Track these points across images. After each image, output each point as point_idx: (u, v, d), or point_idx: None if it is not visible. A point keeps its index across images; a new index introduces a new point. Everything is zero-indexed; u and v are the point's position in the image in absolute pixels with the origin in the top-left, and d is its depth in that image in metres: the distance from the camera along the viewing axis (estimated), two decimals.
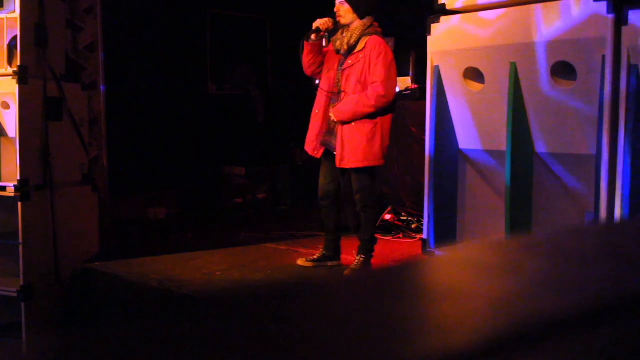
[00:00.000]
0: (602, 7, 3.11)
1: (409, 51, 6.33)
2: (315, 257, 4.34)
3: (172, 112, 7.10)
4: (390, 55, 3.90)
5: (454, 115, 3.96)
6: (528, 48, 3.43)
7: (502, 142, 3.63)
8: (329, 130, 4.04)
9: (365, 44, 3.88)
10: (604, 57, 3.14)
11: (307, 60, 4.04)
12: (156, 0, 6.98)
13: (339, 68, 3.99)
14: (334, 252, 4.33)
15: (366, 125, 3.88)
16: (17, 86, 4.09)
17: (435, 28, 3.89)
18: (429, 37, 3.93)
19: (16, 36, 4.13)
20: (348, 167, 3.96)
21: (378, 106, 3.84)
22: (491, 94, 3.69)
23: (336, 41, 4.01)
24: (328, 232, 4.31)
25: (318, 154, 4.10)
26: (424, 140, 4.16)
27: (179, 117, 7.15)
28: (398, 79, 6.09)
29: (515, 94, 3.51)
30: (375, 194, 4.23)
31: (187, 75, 7.28)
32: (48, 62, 4.31)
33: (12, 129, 4.28)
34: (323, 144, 4.07)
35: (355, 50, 3.91)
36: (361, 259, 4.14)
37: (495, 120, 3.70)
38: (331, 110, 3.99)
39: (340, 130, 3.94)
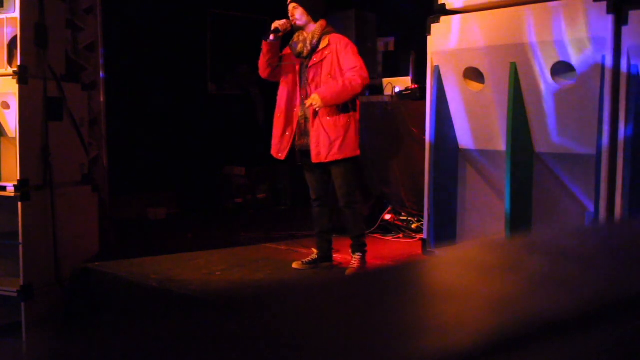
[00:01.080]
0: (602, 7, 3.11)
1: (409, 51, 6.33)
2: (309, 259, 4.34)
3: (172, 112, 7.10)
4: (356, 47, 4.03)
5: (454, 115, 3.96)
6: (528, 48, 3.43)
7: (502, 142, 3.63)
8: (302, 132, 4.06)
9: (329, 41, 3.98)
10: (604, 57, 3.14)
11: (264, 60, 4.09)
12: (156, 0, 6.98)
13: (302, 69, 4.05)
14: (328, 253, 4.35)
15: (342, 119, 3.94)
16: (17, 86, 4.09)
17: (435, 28, 3.89)
18: (429, 37, 3.93)
19: (16, 36, 4.13)
20: (326, 161, 3.96)
21: (364, 85, 3.89)
22: (491, 94, 3.69)
23: (296, 45, 4.06)
24: (321, 232, 4.32)
25: (282, 155, 4.12)
26: (424, 140, 4.16)
27: (179, 117, 7.15)
28: (398, 79, 6.13)
29: (515, 94, 3.50)
30: (358, 189, 4.27)
31: (187, 75, 7.28)
32: (48, 62, 4.31)
33: (12, 129, 4.28)
34: (300, 147, 4.07)
35: (319, 49, 3.99)
36: (358, 256, 4.15)
37: (495, 120, 3.70)
38: (308, 100, 3.94)
39: (316, 125, 3.95)
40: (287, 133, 4.09)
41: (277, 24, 4.01)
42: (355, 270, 4.10)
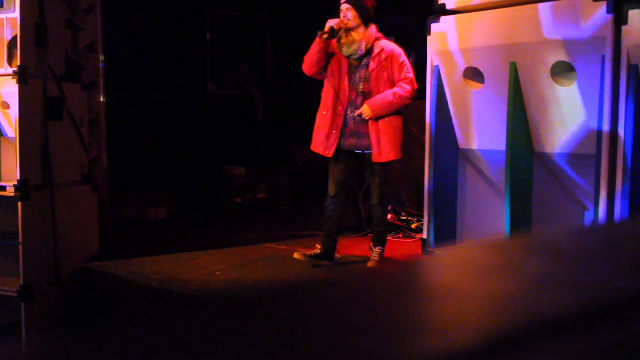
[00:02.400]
0: (602, 7, 3.11)
1: (409, 51, 6.32)
2: (311, 253, 4.38)
3: (172, 112, 7.09)
4: (408, 57, 4.22)
5: (454, 115, 3.95)
6: (528, 48, 3.43)
7: (502, 142, 3.63)
8: (352, 132, 4.16)
9: (384, 48, 4.11)
10: (604, 57, 3.13)
11: (315, 58, 4.14)
12: (156, 0, 6.98)
13: (354, 71, 4.15)
14: (331, 252, 4.39)
15: (397, 120, 4.16)
16: (17, 86, 4.09)
17: (435, 28, 3.89)
18: (429, 37, 3.93)
19: (16, 36, 4.13)
20: (387, 160, 4.13)
21: (411, 98, 4.12)
22: (491, 94, 3.69)
23: (349, 46, 4.11)
24: (330, 231, 4.36)
25: (330, 153, 4.21)
26: (424, 140, 4.16)
27: (179, 117, 7.15)
28: None
29: (515, 94, 3.50)
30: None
31: (187, 75, 7.27)
32: (48, 62, 4.31)
33: (12, 129, 4.28)
34: (350, 147, 4.18)
35: (374, 54, 4.10)
36: (379, 250, 4.30)
37: (495, 120, 3.69)
38: (363, 109, 4.09)
39: (374, 127, 4.09)
40: (334, 131, 4.19)
41: (333, 22, 4.07)
42: (376, 263, 4.25)
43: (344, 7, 4.10)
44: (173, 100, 7.09)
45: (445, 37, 3.84)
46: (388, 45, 4.14)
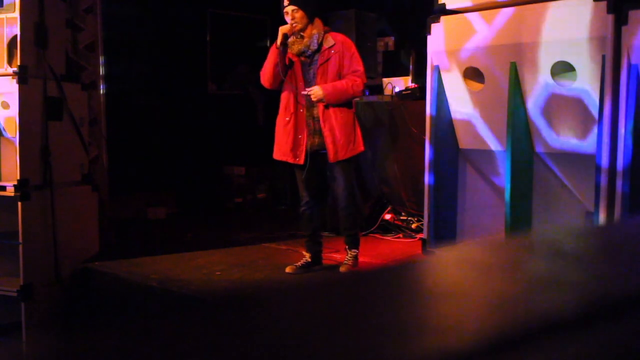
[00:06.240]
0: (602, 7, 3.11)
1: (409, 51, 6.33)
2: (301, 263, 4.26)
3: (172, 112, 7.10)
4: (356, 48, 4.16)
5: (454, 115, 3.95)
6: (528, 48, 3.43)
7: (502, 142, 3.63)
8: (314, 130, 4.04)
9: (334, 40, 4.02)
10: (604, 57, 3.13)
11: (276, 70, 3.99)
12: (156, 0, 6.98)
13: (307, 69, 4.02)
14: (319, 255, 4.32)
15: (349, 115, 4.06)
16: (17, 86, 4.09)
17: (435, 28, 3.89)
18: (429, 37, 3.93)
19: (16, 36, 4.13)
20: (345, 158, 4.03)
21: (362, 91, 4.19)
22: (491, 94, 3.69)
23: (298, 44, 3.97)
24: (313, 235, 4.28)
25: (300, 160, 4.06)
26: (424, 140, 4.16)
27: (178, 117, 7.15)
28: (398, 78, 6.13)
29: (515, 94, 3.50)
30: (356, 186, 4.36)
31: (187, 75, 7.28)
32: (48, 62, 4.31)
33: (12, 129, 4.28)
34: (314, 147, 4.04)
35: (324, 48, 3.99)
36: (354, 253, 4.21)
37: (495, 120, 3.69)
38: (313, 89, 3.92)
39: (327, 125, 3.98)
40: (300, 136, 4.05)
41: (285, 29, 3.94)
42: (349, 267, 4.15)
43: (289, 9, 3.94)
44: (173, 100, 7.09)
45: (445, 37, 3.84)
46: (338, 37, 4.06)
